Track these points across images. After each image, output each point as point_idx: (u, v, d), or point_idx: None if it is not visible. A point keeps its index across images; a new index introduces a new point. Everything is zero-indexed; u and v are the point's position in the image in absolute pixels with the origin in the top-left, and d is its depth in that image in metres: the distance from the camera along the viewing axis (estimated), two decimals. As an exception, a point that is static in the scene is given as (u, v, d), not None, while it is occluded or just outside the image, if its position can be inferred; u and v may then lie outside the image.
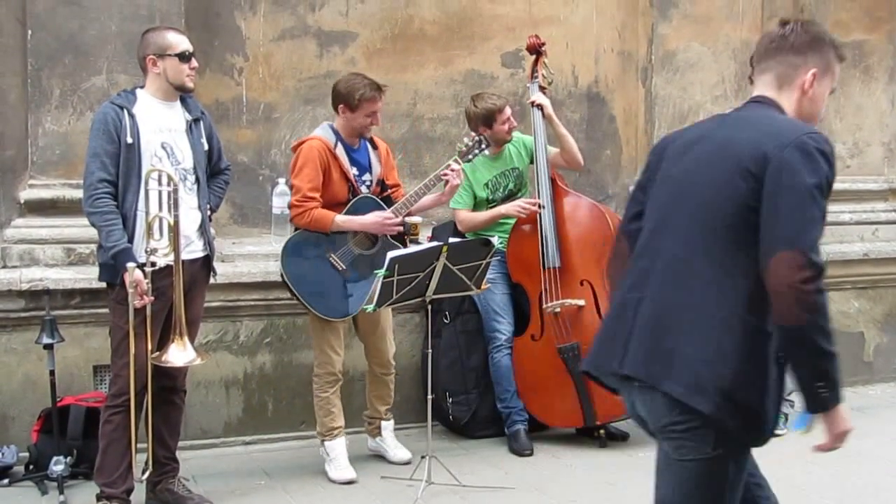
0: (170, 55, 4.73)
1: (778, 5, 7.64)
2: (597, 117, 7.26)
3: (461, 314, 6.36)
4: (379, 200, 5.59)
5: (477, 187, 6.15)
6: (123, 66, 5.68)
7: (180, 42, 4.79)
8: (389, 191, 5.70)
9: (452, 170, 5.55)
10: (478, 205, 6.19)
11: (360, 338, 5.78)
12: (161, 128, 4.73)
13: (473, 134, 5.86)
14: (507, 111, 6.09)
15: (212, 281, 5.10)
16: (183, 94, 4.85)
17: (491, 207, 6.19)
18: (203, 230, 4.89)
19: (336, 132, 5.56)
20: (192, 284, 4.86)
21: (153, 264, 4.56)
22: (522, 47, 6.52)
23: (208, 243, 4.94)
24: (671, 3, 7.14)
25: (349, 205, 5.49)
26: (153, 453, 4.90)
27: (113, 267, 4.60)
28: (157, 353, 4.64)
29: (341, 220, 5.44)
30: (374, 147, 5.74)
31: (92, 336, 5.75)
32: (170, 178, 4.62)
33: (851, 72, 7.71)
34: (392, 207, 5.53)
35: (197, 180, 4.84)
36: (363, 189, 5.57)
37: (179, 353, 4.66)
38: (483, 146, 5.78)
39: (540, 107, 6.13)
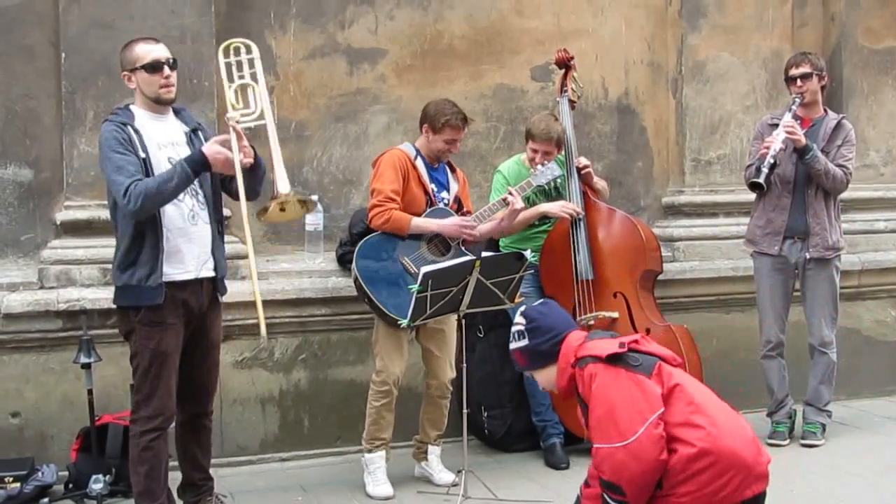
0: (138, 68, 4.54)
1: (808, 14, 7.63)
2: (627, 129, 7.25)
3: (495, 328, 6.35)
4: (454, 213, 5.66)
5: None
6: (156, 86, 5.73)
7: (148, 52, 4.55)
8: (464, 211, 5.76)
9: (512, 194, 5.64)
10: None
11: (423, 356, 5.77)
12: (163, 142, 4.58)
13: (547, 161, 5.94)
14: (541, 146, 6.04)
15: (244, 298, 5.06)
16: (170, 107, 4.68)
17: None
18: (215, 246, 4.73)
19: (417, 149, 5.65)
20: (212, 304, 4.78)
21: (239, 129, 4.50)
22: (552, 61, 6.53)
23: (217, 262, 4.74)
24: (700, 13, 7.13)
25: (424, 213, 5.56)
26: (188, 477, 4.91)
27: (137, 288, 4.45)
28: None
29: (419, 220, 5.51)
30: (453, 171, 5.82)
31: (128, 355, 5.77)
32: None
33: (883, 79, 7.69)
34: (470, 216, 5.62)
35: (205, 195, 4.69)
36: (440, 206, 5.65)
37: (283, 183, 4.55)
38: (557, 173, 5.91)
39: (585, 173, 6.16)
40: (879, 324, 7.57)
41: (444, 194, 5.70)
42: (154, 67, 4.55)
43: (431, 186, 5.62)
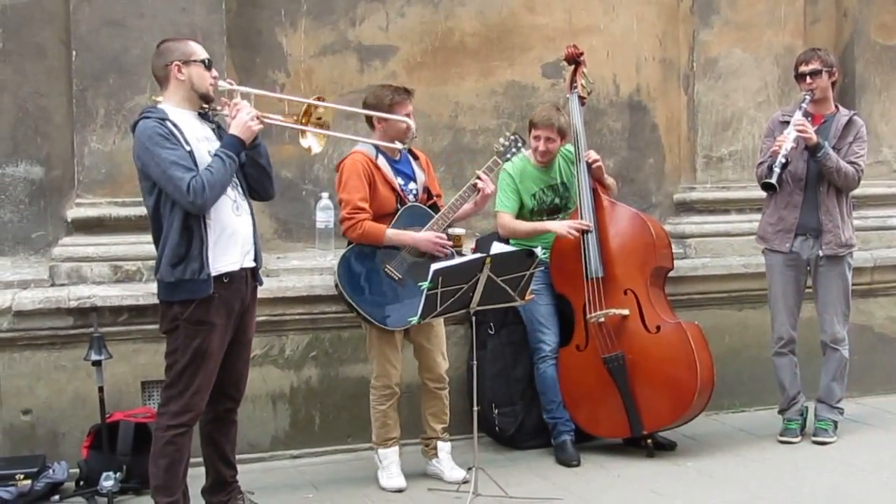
0: (195, 61, 4.60)
1: (821, 10, 7.59)
2: (639, 126, 7.23)
3: (506, 325, 6.34)
4: (426, 208, 5.62)
5: (525, 195, 6.14)
6: (167, 84, 5.74)
7: (201, 50, 4.67)
8: (434, 198, 5.73)
9: (482, 178, 5.59)
10: (521, 214, 6.17)
11: (415, 351, 5.77)
12: (199, 137, 4.60)
13: (508, 133, 5.88)
14: (542, 132, 6.04)
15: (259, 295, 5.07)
16: (204, 103, 4.69)
17: (534, 219, 6.17)
18: (255, 237, 4.80)
19: (377, 147, 5.59)
20: (252, 297, 4.83)
21: None
22: (562, 57, 6.51)
23: (257, 252, 4.83)
24: (712, 9, 7.10)
25: (397, 214, 5.51)
26: (217, 475, 4.92)
27: (191, 282, 4.45)
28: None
29: (392, 234, 5.46)
30: (415, 158, 5.77)
31: (140, 352, 5.80)
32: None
33: (896, 75, 7.66)
34: (432, 221, 5.55)
35: (243, 186, 4.76)
36: (410, 198, 5.60)
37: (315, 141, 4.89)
38: (519, 144, 5.81)
39: (596, 167, 6.11)
40: (892, 320, 7.52)
41: (411, 185, 5.64)
42: (208, 65, 4.66)
43: (398, 181, 5.57)
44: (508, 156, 5.79)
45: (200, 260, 4.48)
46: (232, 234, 4.61)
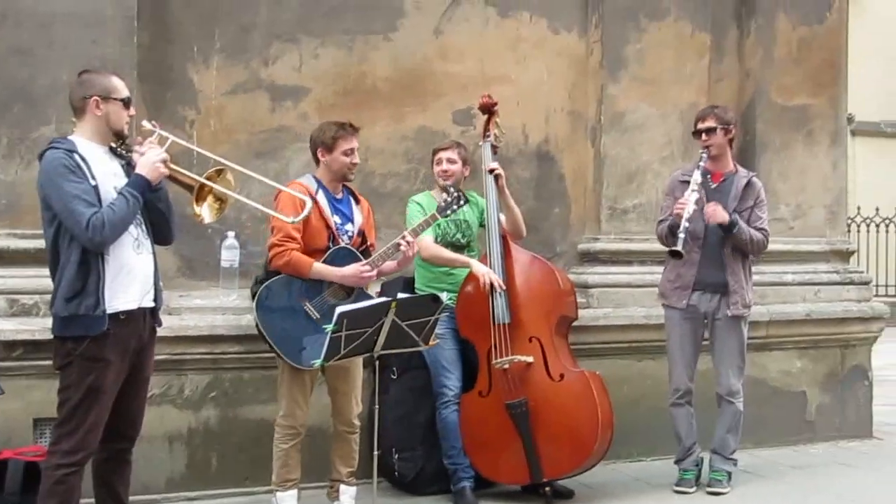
0: (114, 99, 4.57)
1: (725, 69, 7.78)
2: (546, 176, 7.31)
3: (409, 370, 6.34)
4: (357, 252, 5.58)
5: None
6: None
7: (123, 87, 4.63)
8: (367, 245, 5.70)
9: (408, 242, 5.57)
10: None
11: (329, 393, 5.72)
12: (107, 172, 4.54)
13: (452, 189, 5.88)
14: (444, 154, 6.19)
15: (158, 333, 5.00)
16: (117, 139, 4.65)
17: None
18: (156, 277, 4.74)
19: (318, 181, 5.58)
20: (150, 337, 4.75)
21: None
22: (474, 105, 6.57)
23: (157, 292, 4.76)
24: (621, 64, 7.25)
25: (327, 254, 5.48)
26: None
27: (85, 318, 4.37)
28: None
29: (319, 268, 5.43)
30: (357, 202, 5.76)
31: (33, 388, 5.65)
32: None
33: (795, 135, 7.86)
34: (367, 260, 5.53)
35: (146, 224, 4.68)
36: (344, 239, 5.57)
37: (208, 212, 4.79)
38: (462, 202, 5.81)
39: (496, 176, 6.17)
40: (785, 374, 7.69)
41: (348, 227, 5.64)
42: (127, 103, 4.63)
43: (335, 219, 5.55)
44: (448, 212, 5.79)
45: (96, 296, 4.40)
46: (130, 272, 4.54)
